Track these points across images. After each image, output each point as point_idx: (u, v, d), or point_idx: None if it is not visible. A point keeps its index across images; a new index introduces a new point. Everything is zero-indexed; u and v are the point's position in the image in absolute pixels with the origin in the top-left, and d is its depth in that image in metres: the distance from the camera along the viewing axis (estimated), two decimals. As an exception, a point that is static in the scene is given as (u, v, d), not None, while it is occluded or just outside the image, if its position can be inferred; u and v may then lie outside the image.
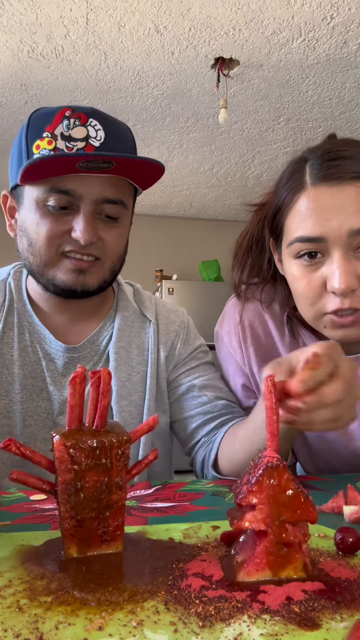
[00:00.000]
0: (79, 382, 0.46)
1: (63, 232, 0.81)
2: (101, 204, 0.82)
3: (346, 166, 0.73)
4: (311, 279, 0.75)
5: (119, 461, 0.46)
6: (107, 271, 0.87)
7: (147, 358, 0.94)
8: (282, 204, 0.80)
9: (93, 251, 0.83)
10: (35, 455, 0.46)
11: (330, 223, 0.72)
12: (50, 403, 0.89)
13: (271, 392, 0.44)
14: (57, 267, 0.83)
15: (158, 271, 5.37)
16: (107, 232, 0.84)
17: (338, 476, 0.83)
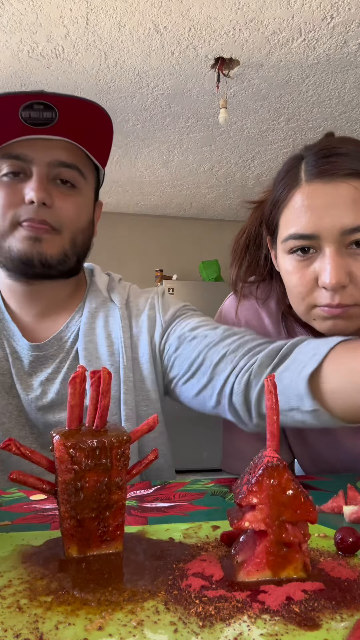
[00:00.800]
0: (79, 382, 0.46)
1: (18, 200, 0.80)
2: (55, 167, 0.81)
3: (341, 163, 0.74)
4: (303, 274, 0.76)
5: (119, 461, 0.46)
6: (66, 243, 0.84)
7: (119, 348, 0.88)
8: (277, 200, 0.80)
9: (48, 218, 0.81)
10: (35, 455, 0.46)
11: (324, 221, 0.73)
12: (20, 401, 0.87)
13: (271, 392, 0.44)
14: (13, 236, 0.81)
15: (158, 271, 5.38)
16: (64, 199, 0.82)
17: (338, 476, 0.83)
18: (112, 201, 5.15)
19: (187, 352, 0.85)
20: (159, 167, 4.35)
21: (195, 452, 4.40)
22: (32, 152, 0.80)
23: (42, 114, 0.77)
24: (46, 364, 0.88)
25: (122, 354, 0.88)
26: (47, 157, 0.80)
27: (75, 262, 0.87)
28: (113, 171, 4.41)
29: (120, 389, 0.87)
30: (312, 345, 0.74)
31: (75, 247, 0.86)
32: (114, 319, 0.91)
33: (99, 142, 0.87)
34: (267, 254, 0.89)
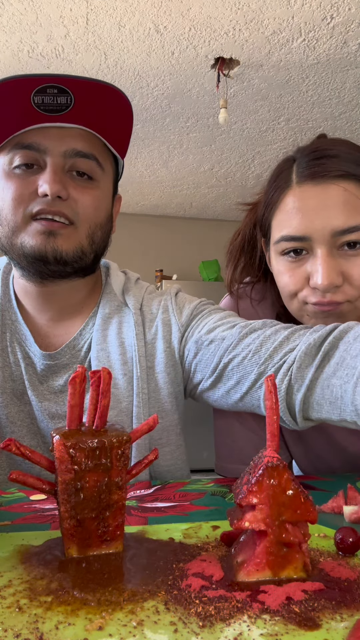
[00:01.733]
0: (79, 382, 0.46)
1: (30, 192, 0.74)
2: (71, 157, 0.75)
3: (331, 165, 0.74)
4: (295, 273, 0.77)
5: (119, 461, 0.46)
6: (83, 238, 0.77)
7: (132, 357, 0.82)
8: (269, 202, 0.81)
9: (64, 209, 0.74)
10: (35, 455, 0.46)
11: (315, 223, 0.73)
12: (32, 408, 0.82)
13: (271, 392, 0.44)
14: (25, 231, 0.75)
15: (158, 271, 5.37)
16: (81, 192, 0.76)
17: (338, 476, 0.83)
18: (112, 201, 5.15)
19: (207, 357, 0.80)
20: (159, 167, 4.35)
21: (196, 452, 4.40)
22: (46, 141, 0.74)
23: (56, 99, 0.71)
24: (59, 373, 0.83)
25: (136, 364, 0.81)
26: (62, 146, 0.74)
27: (92, 260, 0.81)
28: (113, 171, 4.41)
29: (133, 401, 0.81)
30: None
31: (93, 244, 0.80)
32: (128, 325, 0.84)
33: (117, 130, 0.80)
34: (261, 255, 0.90)
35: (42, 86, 0.70)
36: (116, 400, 0.80)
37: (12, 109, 0.71)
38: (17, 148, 0.74)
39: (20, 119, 0.73)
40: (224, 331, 0.79)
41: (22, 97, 0.71)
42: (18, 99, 0.71)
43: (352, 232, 0.72)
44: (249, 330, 0.77)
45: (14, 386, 0.82)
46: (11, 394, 0.82)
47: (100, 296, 0.88)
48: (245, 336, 0.76)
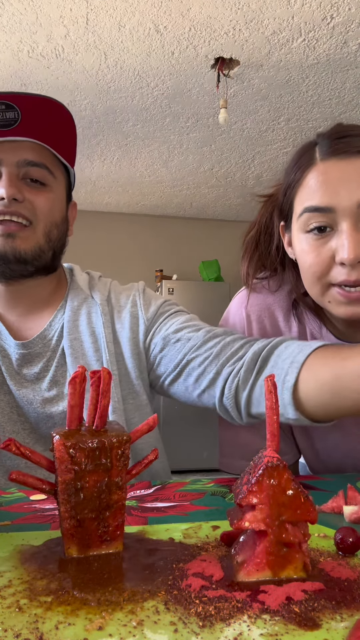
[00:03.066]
0: (79, 382, 0.46)
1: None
2: (24, 167, 0.83)
3: (354, 142, 0.75)
4: (320, 252, 0.76)
5: (119, 461, 0.46)
6: (40, 237, 0.85)
7: (102, 344, 0.90)
8: (291, 182, 0.81)
9: (21, 210, 0.82)
10: (34, 455, 0.46)
11: (339, 194, 0.73)
12: (13, 397, 0.88)
13: (271, 392, 0.44)
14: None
15: (158, 271, 5.38)
16: (35, 194, 0.84)
17: (338, 476, 0.83)
18: (112, 201, 5.15)
19: (172, 353, 0.88)
20: (159, 167, 4.35)
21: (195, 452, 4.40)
22: (0, 154, 0.82)
23: (5, 114, 0.79)
24: (33, 362, 0.89)
25: (105, 349, 0.89)
26: (14, 157, 0.82)
27: (51, 258, 0.88)
28: (113, 171, 4.41)
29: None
30: (290, 350, 0.77)
31: (50, 242, 0.87)
32: (96, 315, 0.92)
33: (63, 141, 0.88)
34: (278, 244, 0.89)
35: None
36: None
37: None
38: None
39: None
40: (190, 332, 0.88)
41: None
42: None
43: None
44: (212, 335, 0.87)
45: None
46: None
47: (67, 292, 0.96)
48: (208, 340, 0.86)
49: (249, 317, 0.92)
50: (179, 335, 0.88)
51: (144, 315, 0.93)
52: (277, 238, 0.88)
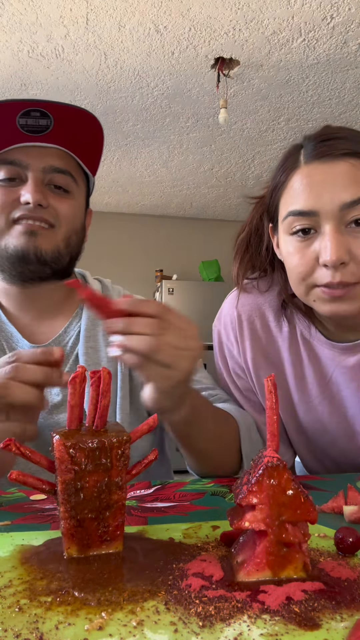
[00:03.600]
0: (79, 382, 0.46)
1: (12, 200, 0.83)
2: (49, 173, 0.85)
3: (338, 144, 0.75)
4: (304, 254, 0.77)
5: (119, 461, 0.46)
6: (60, 241, 0.86)
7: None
8: (277, 184, 0.82)
9: (45, 215, 0.84)
10: (35, 455, 0.46)
11: (323, 197, 0.73)
12: None
13: (271, 392, 0.44)
14: (9, 234, 0.84)
15: (158, 271, 5.37)
16: (59, 201, 0.86)
17: (338, 476, 0.83)
18: (112, 201, 5.15)
19: None
20: (159, 167, 4.35)
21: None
22: (28, 159, 0.83)
23: (38, 121, 0.81)
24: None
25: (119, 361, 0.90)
26: (41, 163, 0.84)
27: (67, 262, 0.89)
28: (113, 171, 4.41)
29: (117, 394, 0.90)
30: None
31: (68, 247, 0.88)
32: None
33: (90, 151, 0.91)
34: (268, 245, 0.90)
35: (27, 110, 0.81)
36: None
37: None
38: (2, 164, 0.84)
39: (5, 138, 0.83)
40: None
41: (8, 118, 0.81)
42: (4, 120, 0.81)
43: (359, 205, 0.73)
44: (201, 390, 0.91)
45: None
46: None
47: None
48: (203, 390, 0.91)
49: (240, 317, 0.93)
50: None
51: None
52: (267, 239, 0.89)
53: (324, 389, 0.89)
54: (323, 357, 0.88)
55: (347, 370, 0.86)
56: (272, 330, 0.92)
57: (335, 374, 0.87)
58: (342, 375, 0.87)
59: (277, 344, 0.91)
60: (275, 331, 0.92)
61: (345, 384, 0.87)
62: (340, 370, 0.87)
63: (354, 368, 0.85)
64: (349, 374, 0.86)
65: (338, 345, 0.86)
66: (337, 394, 0.88)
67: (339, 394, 0.88)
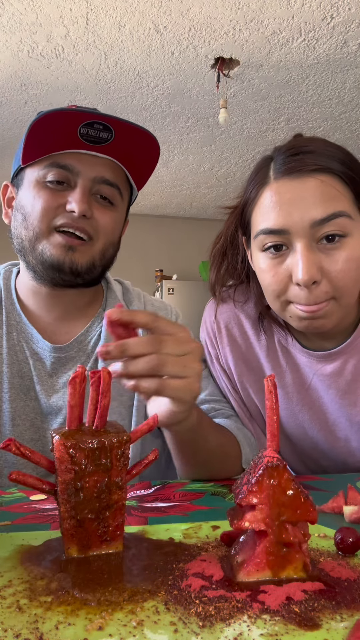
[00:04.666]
0: (79, 382, 0.46)
1: (58, 205, 0.83)
2: (98, 183, 0.84)
3: (307, 159, 0.74)
4: (277, 271, 0.76)
5: (119, 461, 0.46)
6: (97, 253, 0.86)
7: None
8: (248, 199, 0.81)
9: (86, 226, 0.84)
10: (35, 455, 0.46)
11: (292, 215, 0.73)
12: (38, 403, 0.88)
13: (271, 392, 0.44)
14: (48, 240, 0.83)
15: (158, 271, 5.37)
16: (102, 212, 0.86)
17: (338, 476, 0.83)
18: (112, 201, 5.15)
19: None
20: (159, 167, 4.35)
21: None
22: (80, 165, 0.83)
23: (99, 133, 0.81)
24: (67, 365, 0.89)
25: None
26: (93, 172, 0.84)
27: (100, 273, 0.89)
28: (113, 171, 4.41)
29: (135, 395, 0.91)
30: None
31: (103, 259, 0.88)
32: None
33: (142, 168, 0.91)
34: (244, 256, 0.90)
35: (91, 121, 0.80)
36: (118, 393, 0.89)
37: (58, 133, 0.81)
38: (54, 166, 0.83)
39: (63, 143, 0.82)
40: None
41: (70, 125, 0.80)
42: (66, 126, 0.80)
43: (330, 222, 0.72)
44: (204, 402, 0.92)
45: (21, 382, 0.87)
46: (18, 390, 0.87)
47: (105, 301, 0.98)
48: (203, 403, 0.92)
49: (219, 325, 0.94)
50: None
51: None
52: (243, 250, 0.89)
53: (304, 395, 0.89)
54: (301, 365, 0.88)
55: (325, 377, 0.86)
56: (250, 338, 0.92)
57: (314, 380, 0.88)
58: (320, 383, 0.87)
59: (255, 351, 0.92)
60: (254, 339, 0.92)
61: (324, 391, 0.87)
62: (318, 378, 0.87)
63: (331, 375, 0.86)
64: (326, 381, 0.86)
65: (315, 354, 0.86)
66: (316, 401, 0.89)
67: (318, 401, 0.88)
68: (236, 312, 0.93)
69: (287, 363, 0.89)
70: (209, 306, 0.98)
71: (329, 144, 0.78)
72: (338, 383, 0.86)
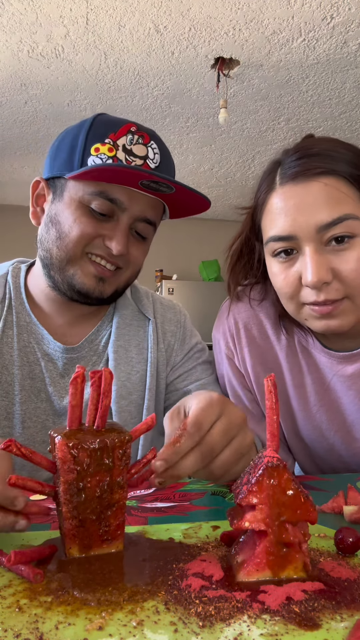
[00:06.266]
0: (79, 382, 0.46)
1: (96, 235, 0.82)
2: (139, 221, 0.84)
3: (311, 163, 0.74)
4: (288, 275, 0.77)
5: (120, 460, 0.46)
6: (123, 282, 0.88)
7: (147, 357, 0.94)
8: (257, 205, 0.82)
9: (119, 261, 0.84)
10: (35, 456, 0.46)
11: (298, 221, 0.73)
12: (50, 404, 0.87)
13: (271, 392, 0.44)
14: (80, 266, 0.83)
15: (158, 271, 5.37)
16: (135, 247, 0.86)
17: (338, 476, 0.83)
18: (112, 201, 5.15)
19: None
20: (159, 167, 4.35)
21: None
22: (128, 202, 0.81)
23: (160, 187, 0.80)
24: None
25: (150, 363, 0.93)
26: (138, 211, 0.83)
27: (121, 292, 0.91)
28: (113, 171, 4.41)
29: (145, 395, 0.92)
30: None
31: (127, 285, 0.90)
32: (145, 330, 0.96)
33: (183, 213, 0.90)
34: (259, 257, 0.90)
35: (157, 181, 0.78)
36: (128, 392, 0.90)
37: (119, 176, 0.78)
38: (102, 197, 0.80)
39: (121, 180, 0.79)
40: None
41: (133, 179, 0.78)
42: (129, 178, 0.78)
43: (337, 225, 0.72)
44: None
45: (33, 384, 0.87)
46: (29, 391, 0.87)
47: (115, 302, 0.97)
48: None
49: (237, 325, 0.93)
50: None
51: (177, 350, 0.98)
52: (259, 251, 0.89)
53: (323, 396, 0.89)
54: (321, 365, 0.88)
55: (345, 378, 0.86)
56: (270, 338, 0.92)
57: (333, 381, 0.88)
58: (340, 384, 0.87)
59: (275, 351, 0.91)
60: (274, 339, 0.92)
61: (344, 392, 0.87)
62: (338, 379, 0.87)
63: (352, 377, 0.86)
64: (346, 382, 0.86)
65: (336, 355, 0.86)
66: (335, 402, 0.88)
67: (337, 402, 0.88)
68: (256, 312, 0.93)
69: (307, 364, 0.89)
70: (226, 306, 0.97)
71: (337, 144, 0.78)
72: (359, 384, 0.86)
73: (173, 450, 0.50)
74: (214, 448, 0.53)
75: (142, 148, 0.82)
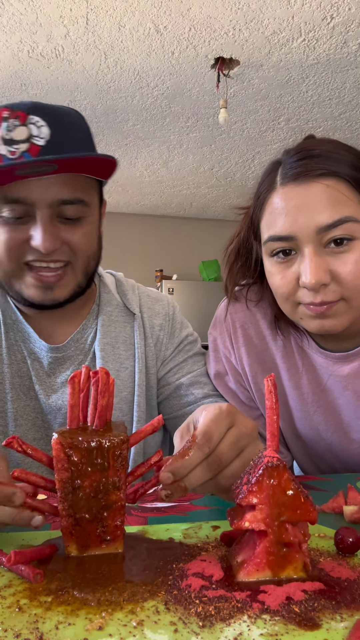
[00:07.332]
0: (78, 382, 0.46)
1: (22, 241, 0.76)
2: (58, 206, 0.76)
3: (313, 164, 0.74)
4: (285, 275, 0.77)
5: (116, 462, 0.46)
6: (79, 275, 0.82)
7: (135, 353, 0.92)
8: (257, 204, 0.82)
9: (59, 257, 0.78)
10: (36, 453, 0.46)
11: (299, 221, 0.73)
12: (38, 402, 0.87)
13: (271, 392, 0.44)
14: (22, 280, 0.79)
15: (158, 271, 5.38)
16: (71, 234, 0.78)
17: (338, 476, 0.83)
18: (112, 201, 5.14)
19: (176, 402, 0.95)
20: (159, 167, 4.35)
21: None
22: (32, 195, 0.74)
23: (41, 168, 0.71)
24: (65, 364, 0.89)
25: (138, 359, 0.92)
26: (48, 197, 0.75)
27: (86, 285, 0.86)
28: (113, 171, 4.41)
29: (134, 391, 0.91)
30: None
31: (87, 274, 0.84)
32: (131, 326, 0.94)
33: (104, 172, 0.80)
34: (257, 257, 0.90)
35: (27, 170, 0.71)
36: (118, 389, 0.89)
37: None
38: (5, 202, 0.75)
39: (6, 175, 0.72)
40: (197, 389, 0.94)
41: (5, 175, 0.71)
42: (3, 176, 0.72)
43: (337, 227, 0.72)
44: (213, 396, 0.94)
45: (21, 382, 0.87)
46: (19, 389, 0.86)
47: (99, 297, 0.95)
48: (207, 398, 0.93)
49: (234, 325, 0.93)
50: (190, 391, 0.94)
51: (166, 344, 0.96)
52: (256, 251, 0.89)
53: (320, 397, 0.89)
54: (317, 366, 0.88)
55: (341, 379, 0.86)
56: (266, 338, 0.92)
57: (330, 382, 0.88)
58: (336, 384, 0.87)
59: (272, 352, 0.91)
60: (270, 340, 0.92)
61: (340, 392, 0.87)
62: (334, 379, 0.87)
63: (348, 377, 0.86)
64: (342, 383, 0.86)
65: (331, 355, 0.86)
66: (332, 402, 0.88)
67: (333, 402, 0.88)
68: (253, 312, 0.93)
69: (303, 364, 0.89)
70: (223, 306, 0.97)
71: (339, 146, 0.77)
72: (355, 385, 0.86)
73: (181, 463, 0.49)
74: (224, 459, 0.52)
75: (22, 130, 0.73)
